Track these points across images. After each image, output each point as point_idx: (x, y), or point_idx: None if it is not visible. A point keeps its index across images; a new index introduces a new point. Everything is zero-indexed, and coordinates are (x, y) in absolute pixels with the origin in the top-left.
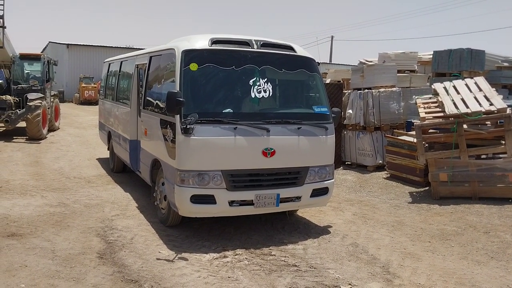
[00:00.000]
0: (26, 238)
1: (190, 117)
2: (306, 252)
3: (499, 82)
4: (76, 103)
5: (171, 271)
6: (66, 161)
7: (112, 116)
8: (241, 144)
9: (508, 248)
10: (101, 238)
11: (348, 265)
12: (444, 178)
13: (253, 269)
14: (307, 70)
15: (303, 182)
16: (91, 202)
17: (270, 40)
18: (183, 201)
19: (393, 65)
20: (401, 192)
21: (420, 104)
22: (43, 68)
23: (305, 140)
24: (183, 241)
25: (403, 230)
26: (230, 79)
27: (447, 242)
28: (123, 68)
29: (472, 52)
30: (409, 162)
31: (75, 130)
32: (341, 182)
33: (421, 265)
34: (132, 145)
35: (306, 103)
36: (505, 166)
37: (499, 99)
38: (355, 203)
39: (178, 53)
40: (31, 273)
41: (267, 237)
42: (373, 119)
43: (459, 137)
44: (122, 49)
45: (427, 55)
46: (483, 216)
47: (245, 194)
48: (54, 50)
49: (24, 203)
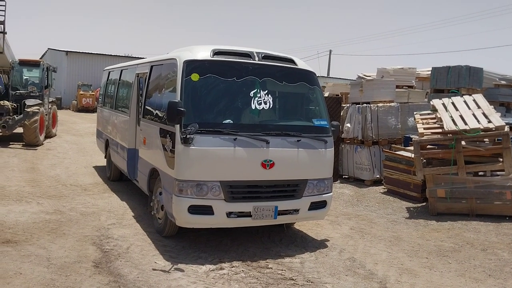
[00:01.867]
0: (21, 245)
1: (190, 127)
2: (303, 265)
3: (496, 100)
4: (73, 110)
5: (167, 282)
6: (63, 168)
7: (111, 124)
8: (241, 155)
9: (505, 266)
10: (97, 246)
11: (345, 280)
12: (441, 194)
13: (249, 282)
14: (308, 83)
15: (301, 195)
16: (87, 210)
17: (271, 53)
18: (181, 211)
19: (392, 80)
20: (398, 207)
21: (419, 120)
22: (42, 75)
23: (304, 153)
24: (179, 252)
25: (400, 245)
26: (231, 90)
27: (444, 259)
28: (123, 76)
29: (471, 69)
30: (406, 177)
31: (72, 137)
32: (339, 195)
33: (419, 281)
34: (130, 154)
35: (306, 115)
36: (503, 184)
37: (497, 116)
38: (352, 217)
39: (179, 63)
40: (26, 281)
41: (264, 249)
42: (371, 134)
43: (457, 153)
44: (121, 58)
45: (425, 71)
46: (481, 233)
47: (243, 205)
48: (53, 57)
49: (20, 210)
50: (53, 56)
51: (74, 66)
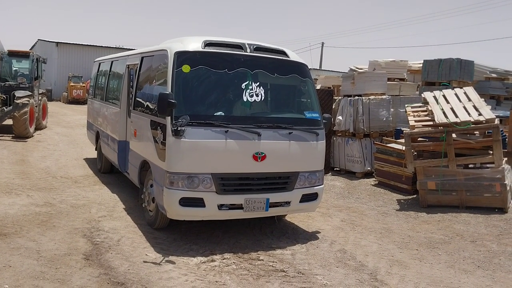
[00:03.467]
0: (10, 238)
1: (181, 119)
2: (294, 257)
3: (487, 93)
4: (64, 102)
5: (158, 274)
6: (53, 160)
7: (101, 116)
8: (232, 147)
9: (494, 258)
10: (87, 239)
11: (336, 272)
12: (432, 187)
13: (241, 273)
14: (299, 75)
15: (293, 187)
16: (77, 203)
17: (263, 44)
18: (172, 204)
19: (383, 73)
20: (389, 200)
21: (410, 112)
22: (32, 66)
23: (296, 145)
24: (170, 244)
25: (391, 237)
26: (222, 82)
27: (434, 250)
28: (114, 68)
29: (462, 62)
30: (397, 169)
31: (62, 129)
32: (330, 188)
33: (409, 273)
34: (120, 146)
35: (297, 108)
36: (493, 176)
37: (487, 109)
38: (343, 209)
39: (170, 55)
40: (15, 274)
41: (256, 241)
42: (363, 126)
43: (448, 146)
44: (112, 49)
45: (416, 64)
46: (470, 225)
47: (235, 198)
48: (43, 48)
49: (9, 202)
50: (43, 47)
51: (65, 58)
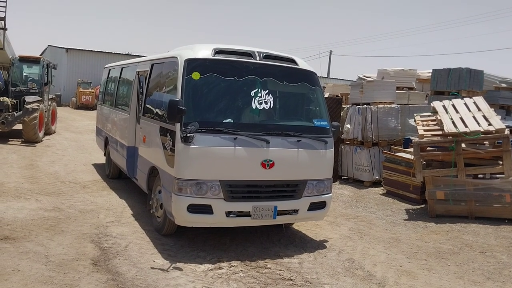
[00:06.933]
0: (19, 242)
1: (191, 125)
2: (302, 266)
3: (497, 103)
4: (73, 107)
5: (166, 280)
6: (62, 165)
7: (110, 122)
8: (241, 154)
9: (504, 269)
10: (95, 244)
11: (344, 281)
12: (441, 196)
13: (248, 281)
14: (308, 83)
15: (301, 195)
16: (86, 208)
17: (273, 52)
18: (180, 210)
19: (392, 81)
20: (397, 209)
21: (419, 122)
22: (42, 71)
23: (304, 153)
24: (178, 251)
25: (399, 247)
26: (231, 89)
27: (443, 261)
28: (124, 74)
29: (471, 72)
30: (406, 179)
31: (71, 135)
32: (338, 196)
33: (417, 283)
34: (129, 152)
35: (306, 116)
36: (502, 187)
37: (497, 119)
38: (351, 218)
39: (180, 62)
40: (24, 278)
41: (263, 249)
42: (371, 135)
43: (457, 156)
44: (121, 56)
45: (425, 73)
46: (480, 235)
47: (243, 205)
48: (53, 54)
49: (18, 206)
50: (53, 53)
51: (74, 63)
